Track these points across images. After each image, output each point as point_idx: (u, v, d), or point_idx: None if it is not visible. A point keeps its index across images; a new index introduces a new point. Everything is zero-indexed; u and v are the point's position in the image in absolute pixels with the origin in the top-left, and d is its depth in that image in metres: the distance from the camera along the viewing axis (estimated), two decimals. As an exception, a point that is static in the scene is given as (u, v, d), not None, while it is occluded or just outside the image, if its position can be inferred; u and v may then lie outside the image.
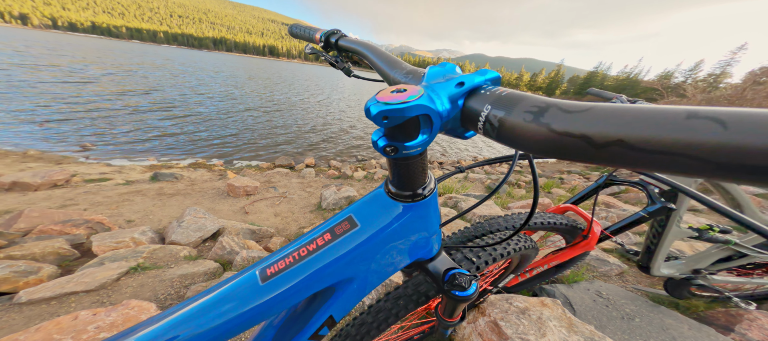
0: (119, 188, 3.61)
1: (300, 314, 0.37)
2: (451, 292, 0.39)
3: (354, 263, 0.32)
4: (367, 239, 0.32)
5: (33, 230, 2.11)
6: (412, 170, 0.29)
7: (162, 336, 0.26)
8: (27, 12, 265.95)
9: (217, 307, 0.28)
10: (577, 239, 0.98)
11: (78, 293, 1.46)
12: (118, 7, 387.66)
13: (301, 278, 0.30)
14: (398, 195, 0.32)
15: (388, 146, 0.25)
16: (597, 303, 1.17)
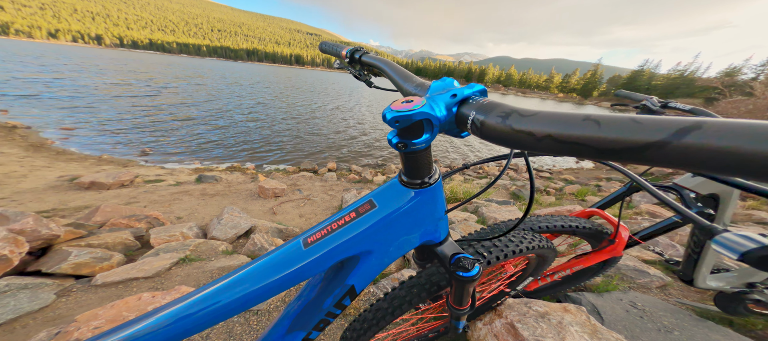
0: (171, 188, 4.08)
1: (330, 280, 0.43)
2: (456, 273, 0.44)
3: (373, 237, 0.39)
4: (384, 218, 0.38)
5: (106, 223, 2.49)
6: (420, 162, 0.36)
7: (234, 287, 0.34)
8: (101, 33, 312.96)
9: (272, 266, 0.36)
10: (603, 243, 0.93)
11: (139, 279, 1.67)
12: (170, 25, 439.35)
13: (333, 246, 0.37)
14: (409, 183, 0.39)
15: (400, 143, 0.32)
16: (630, 314, 1.08)
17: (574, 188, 5.27)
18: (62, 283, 1.60)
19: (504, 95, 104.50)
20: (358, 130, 11.61)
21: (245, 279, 0.35)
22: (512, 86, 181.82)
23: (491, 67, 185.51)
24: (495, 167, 7.91)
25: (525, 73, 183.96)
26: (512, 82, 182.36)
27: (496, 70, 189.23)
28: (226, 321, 1.23)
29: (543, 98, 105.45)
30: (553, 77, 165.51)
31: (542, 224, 0.84)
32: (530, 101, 66.21)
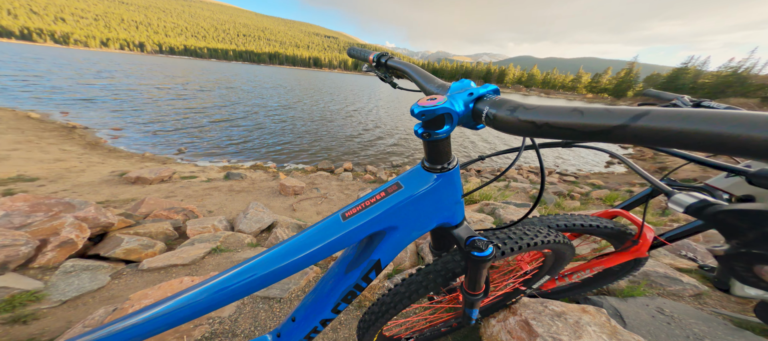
0: (203, 184, 4.41)
1: (359, 255, 0.50)
2: (471, 253, 0.48)
3: (399, 214, 0.44)
4: (408, 198, 0.44)
5: (149, 214, 2.76)
6: (441, 149, 0.42)
7: (284, 255, 0.41)
8: (144, 40, 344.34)
9: (317, 236, 0.42)
10: (626, 244, 0.91)
11: (178, 265, 1.82)
12: (202, 31, 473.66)
13: (366, 220, 0.43)
14: (431, 168, 0.44)
15: (425, 133, 0.38)
16: (656, 320, 1.04)
17: (602, 193, 4.97)
18: (115, 267, 1.78)
19: (525, 95, 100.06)
20: (374, 133, 11.75)
21: (294, 247, 0.42)
22: (535, 86, 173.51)
23: (511, 68, 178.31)
24: (514, 172, 7.66)
25: (549, 73, 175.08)
26: (535, 82, 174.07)
27: (517, 70, 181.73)
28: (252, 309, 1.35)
29: (569, 99, 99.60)
30: (581, 77, 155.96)
31: (561, 223, 0.84)
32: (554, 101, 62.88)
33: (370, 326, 0.74)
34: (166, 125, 9.47)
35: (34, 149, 4.72)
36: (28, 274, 1.47)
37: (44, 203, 1.82)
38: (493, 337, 0.98)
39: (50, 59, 34.87)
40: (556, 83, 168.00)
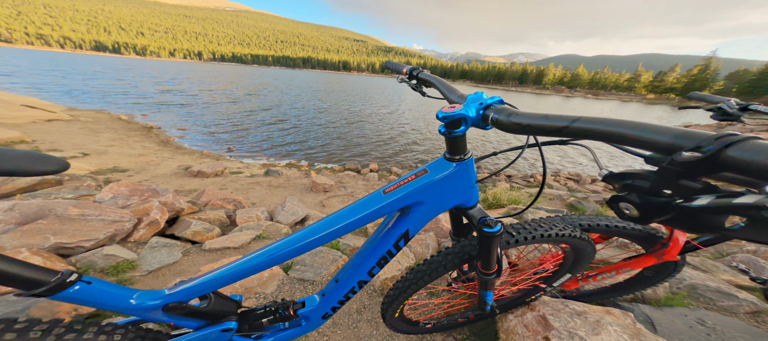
0: (247, 179, 4.94)
1: (392, 226, 0.62)
2: (482, 229, 0.58)
3: (425, 193, 0.56)
4: (432, 180, 0.55)
5: (208, 203, 3.21)
6: (458, 144, 0.54)
7: (341, 219, 0.56)
8: (201, 50, 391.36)
9: (363, 206, 0.56)
10: (655, 247, 0.88)
11: (231, 248, 2.10)
12: (246, 39, 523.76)
13: (400, 195, 0.55)
14: (450, 158, 0.56)
15: (446, 131, 0.50)
16: (693, 330, 0.98)
17: None
18: (185, 245, 2.09)
19: (568, 97, 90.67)
20: (401, 135, 11.88)
21: (346, 214, 0.56)
22: (579, 87, 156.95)
23: (551, 68, 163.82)
24: (551, 178, 7.17)
25: (598, 72, 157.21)
26: (580, 82, 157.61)
27: (558, 70, 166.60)
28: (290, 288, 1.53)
29: (624, 101, 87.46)
30: (640, 75, 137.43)
31: (584, 222, 0.85)
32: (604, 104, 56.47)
33: (393, 300, 0.85)
34: (219, 126, 10.73)
35: (124, 145, 5.77)
36: (126, 246, 1.85)
37: (138, 189, 2.28)
38: (510, 330, 1.03)
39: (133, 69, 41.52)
40: (607, 83, 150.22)
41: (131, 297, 0.55)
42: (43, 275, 0.44)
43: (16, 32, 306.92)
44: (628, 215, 0.31)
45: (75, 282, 0.47)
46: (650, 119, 22.88)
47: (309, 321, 0.75)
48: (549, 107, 38.22)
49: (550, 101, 51.31)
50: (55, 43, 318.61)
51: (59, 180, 2.73)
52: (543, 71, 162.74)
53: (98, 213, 1.67)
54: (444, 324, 1.12)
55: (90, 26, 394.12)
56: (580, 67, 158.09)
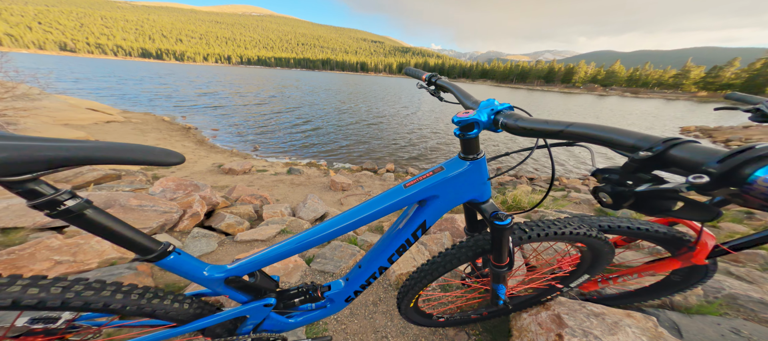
0: (272, 177, 5.23)
1: (411, 217, 0.69)
2: (493, 222, 0.63)
3: (441, 187, 0.62)
4: (448, 176, 0.62)
5: (239, 198, 3.47)
6: (472, 145, 0.60)
7: (366, 209, 0.63)
8: (230, 54, 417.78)
9: (386, 198, 0.63)
10: (681, 250, 0.86)
11: (259, 240, 2.25)
12: (270, 42, 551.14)
13: (419, 189, 0.61)
14: (465, 157, 0.62)
15: (460, 134, 0.57)
16: (726, 339, 0.93)
17: None
18: (219, 236, 2.27)
19: (602, 96, 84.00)
20: (416, 136, 11.85)
21: (373, 204, 0.64)
22: (616, 85, 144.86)
23: (583, 65, 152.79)
24: (578, 182, 6.80)
25: (638, 68, 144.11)
26: (616, 80, 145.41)
27: (590, 67, 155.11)
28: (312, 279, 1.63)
29: (669, 99, 78.95)
30: (689, 71, 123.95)
31: (604, 223, 0.84)
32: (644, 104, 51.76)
33: (409, 290, 0.90)
34: (246, 127, 11.43)
35: (167, 144, 6.39)
36: (173, 235, 2.08)
37: (183, 183, 2.54)
38: (523, 328, 1.04)
39: (173, 74, 45.42)
40: (649, 80, 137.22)
41: (204, 270, 0.65)
42: (153, 244, 0.55)
43: (79, 42, 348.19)
44: (605, 202, 0.36)
45: (171, 252, 0.58)
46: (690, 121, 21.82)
47: (333, 303, 0.83)
48: (578, 106, 35.90)
49: (580, 100, 48.01)
50: (109, 52, 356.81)
51: (118, 175, 3.13)
52: (572, 69, 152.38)
53: (152, 204, 1.91)
54: (457, 319, 1.16)
55: (137, 35, 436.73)
56: (616, 63, 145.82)
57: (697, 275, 0.91)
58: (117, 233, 0.50)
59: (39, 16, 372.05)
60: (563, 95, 72.53)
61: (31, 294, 0.47)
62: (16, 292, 0.46)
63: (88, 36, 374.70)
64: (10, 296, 0.46)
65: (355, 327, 1.27)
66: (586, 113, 27.98)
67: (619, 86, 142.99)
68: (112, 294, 0.55)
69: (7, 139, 0.37)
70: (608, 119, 23.52)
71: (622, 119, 23.61)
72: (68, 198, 0.43)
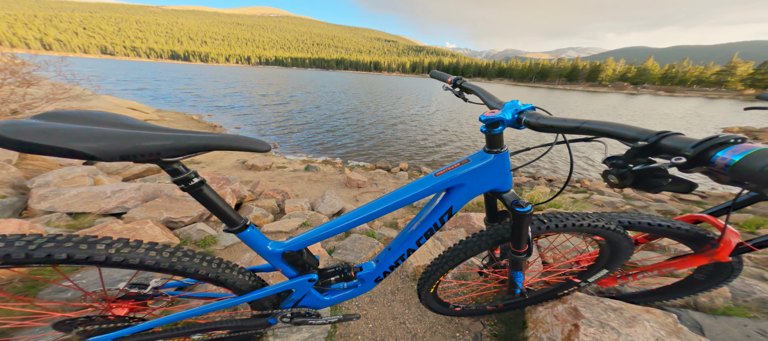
0: (291, 173, 5.46)
1: (439, 203, 0.75)
2: (515, 209, 0.69)
3: (467, 177, 0.69)
4: (474, 167, 0.68)
5: (262, 193, 3.67)
6: (496, 140, 0.66)
7: (400, 194, 0.71)
8: (250, 54, 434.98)
9: (419, 185, 0.70)
10: (704, 247, 0.85)
11: (282, 232, 2.39)
12: (287, 43, 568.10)
13: (447, 177, 0.69)
14: (489, 151, 0.68)
15: (486, 130, 0.63)
16: (752, 339, 0.91)
17: (741, 218, 3.71)
18: None
19: (631, 96, 78.32)
20: (435, 138, 11.79)
21: (406, 190, 0.71)
22: (648, 83, 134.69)
23: (611, 62, 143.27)
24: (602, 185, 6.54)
25: (674, 65, 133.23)
26: (648, 78, 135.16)
27: (619, 65, 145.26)
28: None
29: (710, 98, 72.14)
30: (735, 67, 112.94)
31: (624, 219, 0.85)
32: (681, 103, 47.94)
33: (431, 275, 0.96)
34: (267, 125, 11.93)
35: (194, 140, 6.80)
36: (209, 224, 2.27)
37: (216, 177, 2.76)
38: (539, 320, 1.07)
39: (200, 75, 47.99)
40: (688, 78, 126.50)
41: (268, 244, 0.74)
42: (239, 219, 0.66)
43: (117, 46, 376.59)
44: (612, 182, 0.43)
45: (248, 226, 0.68)
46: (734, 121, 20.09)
47: (364, 283, 0.91)
48: (604, 106, 33.96)
49: (606, 100, 45.23)
50: (143, 55, 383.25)
51: (159, 169, 3.43)
52: (599, 67, 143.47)
53: (191, 194, 2.10)
54: (472, 309, 1.21)
55: (167, 38, 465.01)
56: (649, 60, 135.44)
57: (722, 274, 0.91)
58: (218, 206, 0.62)
59: (83, 22, 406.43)
60: (587, 94, 68.68)
61: (151, 256, 0.59)
62: (142, 254, 0.59)
63: (124, 40, 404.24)
64: (138, 256, 0.58)
65: (374, 313, 1.35)
66: (616, 114, 26.40)
67: (652, 84, 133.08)
68: (200, 262, 0.67)
69: (165, 131, 0.51)
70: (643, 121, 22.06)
71: (660, 121, 22.06)
72: (194, 177, 0.56)
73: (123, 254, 0.57)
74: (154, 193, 1.87)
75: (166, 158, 0.50)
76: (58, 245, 0.52)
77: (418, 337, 1.21)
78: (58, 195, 1.59)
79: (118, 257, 0.56)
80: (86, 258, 0.53)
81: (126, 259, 0.57)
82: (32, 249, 0.49)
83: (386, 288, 1.52)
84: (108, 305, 0.73)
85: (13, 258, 0.48)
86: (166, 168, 0.52)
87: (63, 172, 1.94)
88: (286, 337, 1.03)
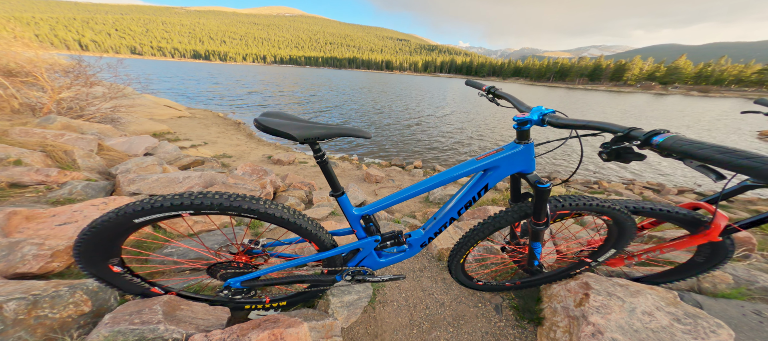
0: (312, 168, 5.75)
1: (476, 181, 0.95)
2: (537, 185, 0.87)
3: (501, 161, 0.89)
4: (507, 154, 0.88)
5: (292, 184, 3.99)
6: (524, 135, 0.86)
7: (450, 173, 0.92)
8: (265, 54, 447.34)
9: (464, 166, 0.90)
10: (699, 229, 0.99)
11: (315, 219, 2.73)
12: (301, 42, 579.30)
13: (486, 161, 0.89)
14: (519, 142, 0.88)
15: (517, 128, 0.85)
16: (747, 318, 1.03)
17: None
18: None
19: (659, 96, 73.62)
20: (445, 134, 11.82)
21: (451, 171, 0.91)
22: (679, 82, 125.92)
23: (637, 61, 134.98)
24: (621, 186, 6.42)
25: (710, 63, 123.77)
26: (680, 77, 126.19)
27: (647, 63, 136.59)
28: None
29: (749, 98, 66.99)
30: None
31: (630, 205, 1.01)
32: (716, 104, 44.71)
33: (462, 246, 1.15)
34: (287, 123, 12.48)
35: (225, 137, 7.34)
36: None
37: (256, 168, 3.07)
38: (553, 295, 1.24)
39: (222, 74, 50.09)
40: (725, 77, 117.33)
41: (353, 209, 0.96)
42: (340, 187, 0.89)
43: (145, 46, 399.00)
44: (603, 158, 0.63)
45: (343, 193, 0.91)
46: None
47: (411, 247, 1.11)
48: (631, 106, 32.34)
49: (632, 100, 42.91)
50: (167, 54, 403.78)
51: (202, 160, 3.82)
52: (624, 65, 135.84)
53: (243, 183, 2.41)
54: (493, 285, 1.39)
55: (190, 38, 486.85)
56: (681, 58, 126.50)
57: (718, 255, 1.04)
58: (333, 177, 0.88)
59: (116, 23, 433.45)
60: (610, 95, 65.32)
61: (270, 208, 0.82)
62: (279, 211, 0.83)
63: (151, 40, 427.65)
64: (279, 212, 0.83)
65: (406, 285, 1.57)
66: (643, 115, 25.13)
67: (684, 84, 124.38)
68: (308, 222, 0.91)
69: (315, 124, 0.77)
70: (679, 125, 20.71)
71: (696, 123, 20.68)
72: (324, 154, 0.82)
73: (272, 209, 0.82)
74: (210, 180, 2.18)
75: (319, 141, 0.78)
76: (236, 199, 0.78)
77: (445, 305, 1.42)
78: (143, 180, 1.91)
79: (272, 210, 0.81)
80: (252, 209, 0.78)
81: (273, 213, 0.82)
82: (225, 203, 0.75)
83: (415, 266, 1.73)
84: (238, 255, 0.99)
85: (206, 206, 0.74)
86: (313, 147, 0.79)
87: (138, 160, 2.29)
88: (341, 297, 1.26)
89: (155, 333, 0.84)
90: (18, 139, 2.25)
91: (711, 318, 0.94)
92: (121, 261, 0.84)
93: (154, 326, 0.85)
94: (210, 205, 0.74)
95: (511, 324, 1.30)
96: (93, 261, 0.79)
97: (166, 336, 0.85)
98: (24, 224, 1.21)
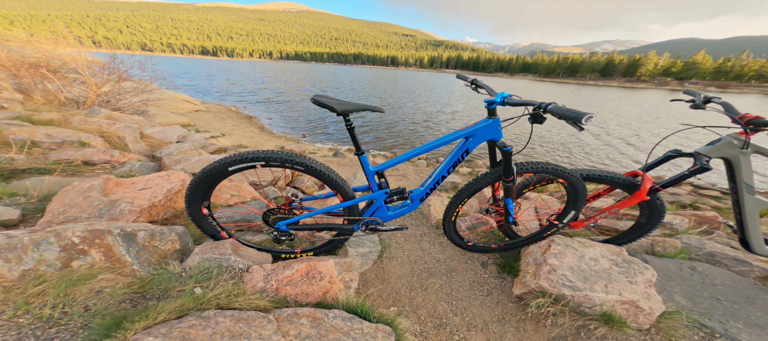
0: (322, 158, 6.10)
1: (460, 146, 1.27)
2: (503, 148, 1.17)
3: (477, 131, 1.23)
4: (481, 125, 1.23)
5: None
6: (492, 112, 1.21)
7: (442, 138, 1.23)
8: (272, 50, 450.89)
9: (451, 135, 1.24)
10: (634, 191, 1.28)
11: (331, 197, 3.08)
12: (306, 38, 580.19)
13: (466, 131, 1.23)
14: (489, 117, 1.22)
15: (487, 106, 1.20)
16: (681, 271, 1.30)
17: None
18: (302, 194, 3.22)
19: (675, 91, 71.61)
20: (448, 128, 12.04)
21: (444, 137, 1.21)
22: (696, 77, 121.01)
23: (652, 56, 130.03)
24: None
25: (730, 57, 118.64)
26: (697, 72, 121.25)
27: (662, 59, 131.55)
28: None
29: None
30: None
31: (583, 172, 1.30)
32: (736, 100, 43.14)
33: (452, 205, 1.45)
34: (296, 117, 12.88)
35: (240, 129, 7.75)
36: (277, 187, 2.94)
37: (275, 154, 3.43)
38: (528, 252, 1.53)
39: (232, 70, 50.95)
40: (745, 72, 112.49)
41: (370, 166, 1.28)
42: (362, 148, 1.22)
43: (155, 42, 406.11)
44: (530, 121, 0.95)
45: (364, 153, 1.22)
46: None
47: (413, 202, 1.42)
48: (644, 102, 31.62)
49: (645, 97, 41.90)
50: (177, 51, 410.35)
51: (224, 149, 4.20)
52: (638, 60, 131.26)
53: (266, 164, 2.76)
54: (480, 246, 1.69)
55: (198, 34, 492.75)
56: (699, 53, 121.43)
57: (655, 214, 1.32)
58: (357, 140, 1.19)
59: (127, 20, 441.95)
60: (622, 91, 63.63)
61: (313, 163, 1.14)
62: (322, 166, 1.15)
63: (161, 37, 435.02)
64: (309, 163, 1.14)
65: (408, 246, 1.88)
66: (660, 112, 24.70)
67: (702, 79, 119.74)
68: (331, 172, 1.21)
69: (345, 101, 1.08)
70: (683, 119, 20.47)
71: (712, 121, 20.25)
72: (354, 123, 1.12)
73: (314, 164, 1.14)
74: (241, 163, 2.53)
75: (352, 114, 1.11)
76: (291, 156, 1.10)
77: (441, 262, 1.73)
78: (187, 160, 2.26)
79: (314, 165, 1.14)
80: (302, 163, 1.11)
81: (315, 167, 1.14)
82: (284, 158, 1.08)
83: (416, 231, 2.05)
84: (284, 204, 1.32)
85: (273, 160, 1.07)
86: (346, 118, 1.11)
87: (177, 146, 2.65)
88: (356, 248, 1.59)
89: (228, 262, 1.17)
90: (79, 126, 2.64)
91: (641, 264, 1.23)
92: (208, 204, 1.18)
93: (227, 256, 1.18)
94: (275, 158, 1.07)
95: (494, 276, 1.61)
96: (194, 200, 1.13)
97: (234, 264, 1.18)
98: (114, 188, 1.56)
